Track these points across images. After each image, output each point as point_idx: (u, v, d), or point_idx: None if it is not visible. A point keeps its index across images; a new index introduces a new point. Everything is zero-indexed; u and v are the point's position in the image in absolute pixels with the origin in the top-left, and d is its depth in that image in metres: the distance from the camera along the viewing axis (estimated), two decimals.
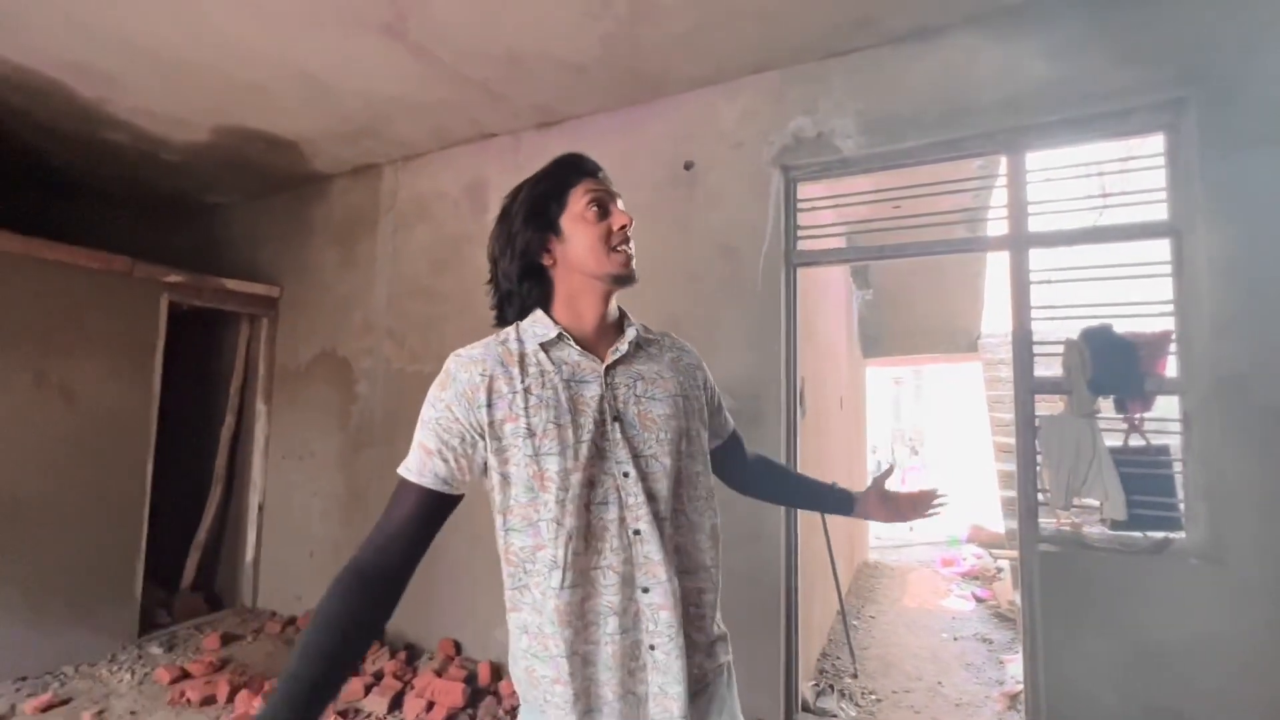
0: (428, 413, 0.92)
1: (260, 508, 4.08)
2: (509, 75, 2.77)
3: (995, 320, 5.59)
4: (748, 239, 2.70)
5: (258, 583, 4.03)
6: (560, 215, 0.98)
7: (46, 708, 2.70)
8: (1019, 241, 2.33)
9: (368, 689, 2.83)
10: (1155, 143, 2.24)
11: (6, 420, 2.95)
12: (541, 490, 0.87)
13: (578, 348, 0.95)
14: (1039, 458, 2.26)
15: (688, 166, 2.87)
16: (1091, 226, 2.28)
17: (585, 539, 0.88)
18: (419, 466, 0.90)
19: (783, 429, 2.60)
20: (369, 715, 2.67)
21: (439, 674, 2.92)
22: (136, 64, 2.73)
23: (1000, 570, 5.23)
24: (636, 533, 0.89)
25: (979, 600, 4.56)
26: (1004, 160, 2.39)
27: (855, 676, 3.16)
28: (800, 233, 2.73)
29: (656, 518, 0.90)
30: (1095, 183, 2.45)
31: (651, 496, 0.90)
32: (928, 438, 13.74)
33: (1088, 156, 2.40)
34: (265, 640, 3.51)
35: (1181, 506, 2.10)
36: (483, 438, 0.89)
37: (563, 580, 0.86)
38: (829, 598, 3.70)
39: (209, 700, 2.76)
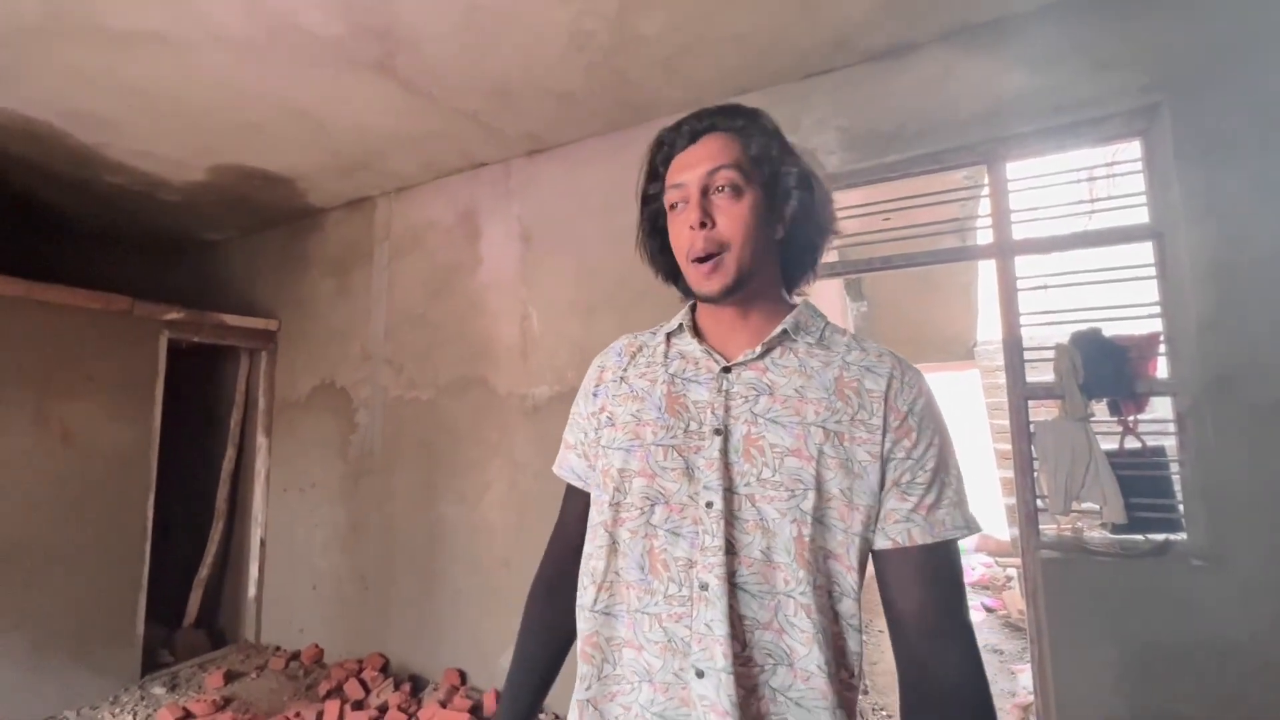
0: (573, 408, 0.92)
1: (262, 541, 4.07)
2: (498, 106, 2.83)
3: (990, 327, 5.62)
4: None
5: (261, 618, 4.00)
6: (666, 216, 0.82)
7: None
8: (1004, 249, 2.36)
9: (376, 719, 2.80)
10: (1134, 148, 2.28)
11: (6, 462, 2.96)
12: (603, 489, 0.76)
13: (700, 343, 0.80)
14: (1036, 463, 2.26)
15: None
16: (1075, 232, 2.30)
17: (636, 565, 0.70)
18: (560, 460, 0.91)
19: None
20: None
21: (444, 705, 2.89)
22: (134, 108, 2.79)
23: (1010, 579, 5.19)
24: (704, 587, 0.66)
25: (989, 610, 4.51)
26: (985, 171, 2.43)
27: (865, 693, 3.11)
28: None
29: (732, 579, 0.66)
30: (1077, 189, 2.49)
31: (732, 549, 0.67)
32: None
33: (1068, 164, 2.44)
34: (269, 676, 3.48)
35: (1181, 507, 2.09)
36: (591, 428, 0.84)
37: (595, 600, 0.72)
38: None
39: None
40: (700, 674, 0.65)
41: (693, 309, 0.87)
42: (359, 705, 2.99)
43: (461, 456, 3.26)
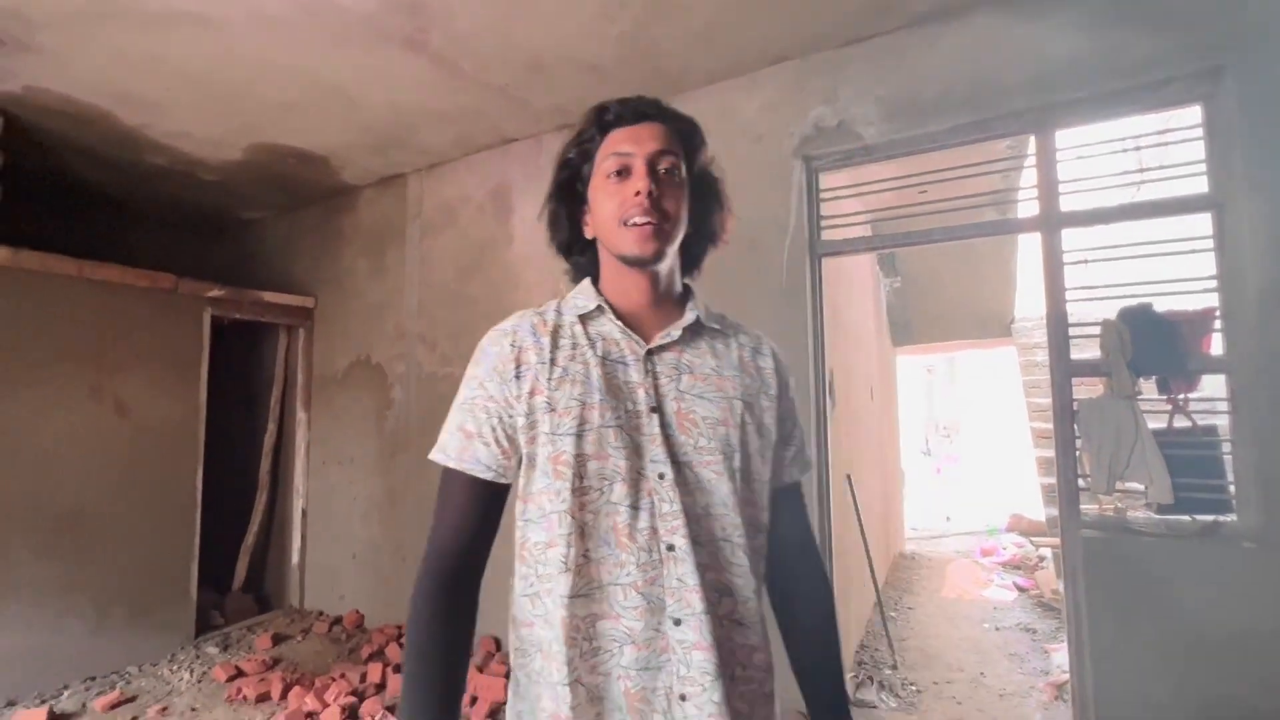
0: (463, 393, 0.84)
1: (304, 512, 4.22)
2: (529, 80, 2.81)
3: (1029, 303, 5.45)
4: (771, 232, 2.69)
5: (304, 584, 4.16)
6: (590, 181, 0.85)
7: (114, 705, 2.84)
8: (1051, 222, 2.28)
9: None
10: (1193, 114, 2.17)
11: (67, 434, 3.10)
12: (556, 476, 0.76)
13: (619, 324, 0.83)
14: (1078, 442, 2.21)
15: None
16: (1127, 203, 2.21)
17: (604, 542, 0.75)
18: (458, 452, 0.80)
19: (812, 422, 2.59)
20: None
21: (480, 670, 2.98)
22: (175, 89, 2.84)
23: (1043, 559, 5.12)
24: (670, 548, 0.74)
25: (1021, 590, 4.47)
26: (1033, 139, 2.34)
27: (895, 668, 3.13)
28: (824, 223, 2.72)
29: (695, 537, 0.75)
30: (1130, 158, 2.38)
31: (690, 513, 0.76)
32: (962, 427, 13.46)
33: (1121, 131, 2.33)
34: (314, 639, 3.63)
35: (1232, 489, 2.03)
36: (513, 411, 0.79)
37: (571, 587, 0.74)
38: (865, 590, 3.67)
39: (264, 697, 2.87)
40: (677, 622, 0.74)
41: (596, 289, 0.87)
42: (399, 668, 3.11)
43: None
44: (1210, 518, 2.02)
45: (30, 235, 3.12)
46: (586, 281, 0.89)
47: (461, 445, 0.81)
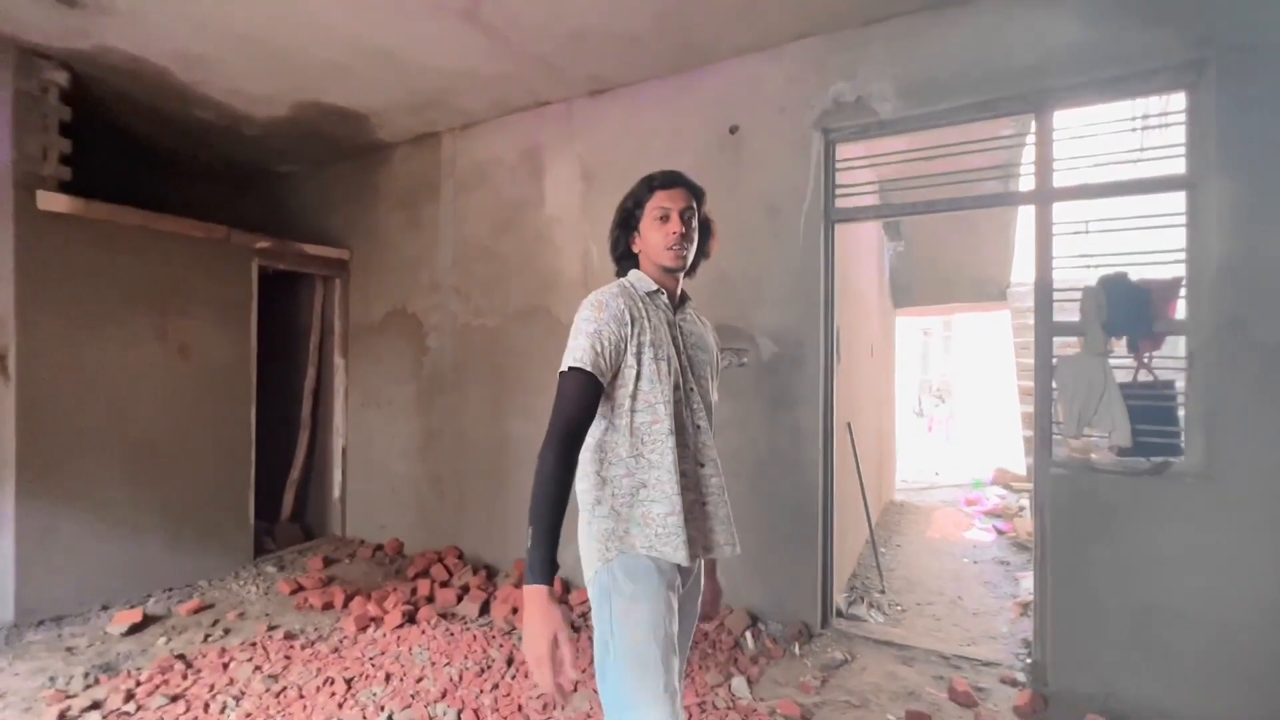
0: (589, 327, 1.27)
1: (344, 450, 4.56)
2: (568, 49, 3.00)
3: (1025, 270, 5.72)
4: (790, 199, 2.94)
5: (346, 515, 4.54)
6: (640, 220, 1.40)
7: (196, 610, 3.22)
8: (1044, 195, 2.54)
9: (459, 598, 3.30)
10: (1178, 100, 2.40)
11: (139, 373, 3.40)
12: (661, 382, 1.30)
13: (666, 301, 1.41)
14: (1055, 394, 2.53)
15: (733, 131, 3.09)
16: (1113, 181, 2.46)
17: (679, 423, 1.32)
18: (591, 360, 1.24)
19: (821, 373, 2.90)
20: (464, 618, 3.14)
21: (517, 586, 3.37)
22: (233, 49, 3.02)
23: (1023, 508, 5.54)
24: (698, 427, 1.37)
25: (1000, 533, 4.89)
26: (1033, 119, 2.57)
27: (883, 592, 3.54)
28: (838, 191, 2.96)
29: (709, 422, 1.40)
30: (1118, 139, 2.61)
31: (705, 407, 1.40)
32: (956, 388, 13.87)
33: (1113, 114, 2.56)
34: (360, 562, 4.03)
35: (1182, 434, 2.36)
36: (627, 344, 1.29)
37: (675, 442, 1.29)
38: (859, 528, 4.06)
39: (328, 605, 3.26)
40: (702, 464, 1.37)
41: (650, 279, 1.42)
42: (444, 584, 3.50)
43: (529, 379, 3.62)
44: (1162, 459, 2.36)
45: (94, 186, 3.32)
46: (641, 272, 1.43)
47: (594, 358, 1.25)
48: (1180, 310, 2.40)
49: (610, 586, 1.25)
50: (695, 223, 1.41)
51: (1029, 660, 2.60)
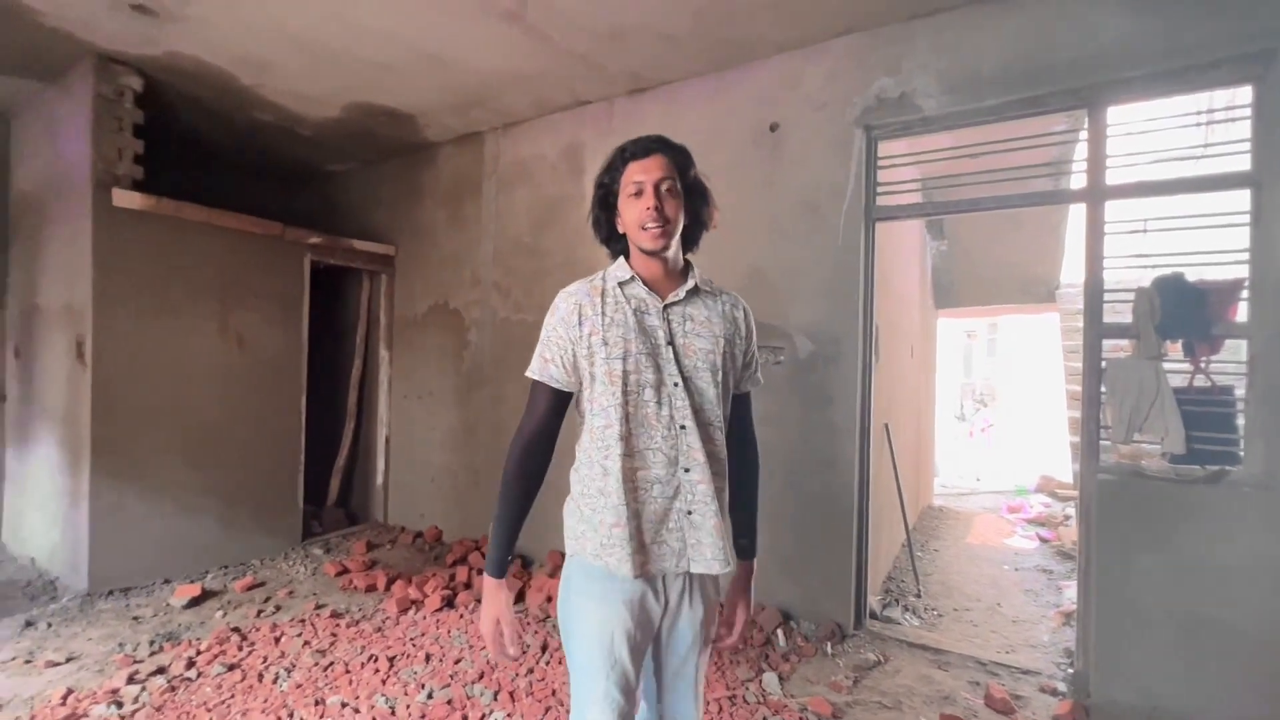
0: (544, 334, 1.27)
1: (387, 439, 4.72)
2: (609, 48, 3.04)
3: (1075, 270, 5.52)
4: (830, 196, 2.92)
5: (388, 502, 4.70)
6: (617, 197, 1.26)
7: (249, 587, 3.39)
8: (1096, 194, 2.46)
9: None
10: (1244, 94, 2.30)
11: (201, 361, 3.59)
12: (610, 384, 1.19)
13: (645, 288, 1.25)
14: (1104, 398, 2.46)
15: (773, 128, 3.08)
16: (1172, 178, 2.37)
17: (640, 424, 1.20)
18: (540, 369, 1.25)
19: (858, 372, 2.87)
20: None
21: (551, 576, 3.45)
22: (291, 53, 3.16)
23: (1068, 517, 5.36)
24: (683, 428, 1.22)
25: (1043, 541, 4.75)
26: (1086, 115, 2.50)
27: (919, 596, 3.49)
28: (880, 189, 2.93)
29: (698, 421, 1.22)
30: (1176, 135, 2.51)
31: (694, 406, 1.23)
32: (1000, 392, 13.45)
33: (1171, 109, 2.47)
34: (401, 548, 4.17)
35: (1241, 442, 2.27)
36: (576, 346, 1.22)
37: (623, 449, 1.19)
38: (895, 530, 4.01)
39: (371, 587, 3.40)
40: (687, 469, 1.22)
41: (628, 264, 1.28)
42: (482, 572, 3.60)
43: None
44: (1218, 467, 2.27)
45: (162, 184, 3.52)
46: (621, 259, 1.30)
47: (542, 366, 1.25)
48: (1241, 313, 2.30)
49: (567, 581, 1.27)
50: (678, 193, 1.23)
51: (1071, 670, 2.54)
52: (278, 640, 2.76)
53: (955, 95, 2.65)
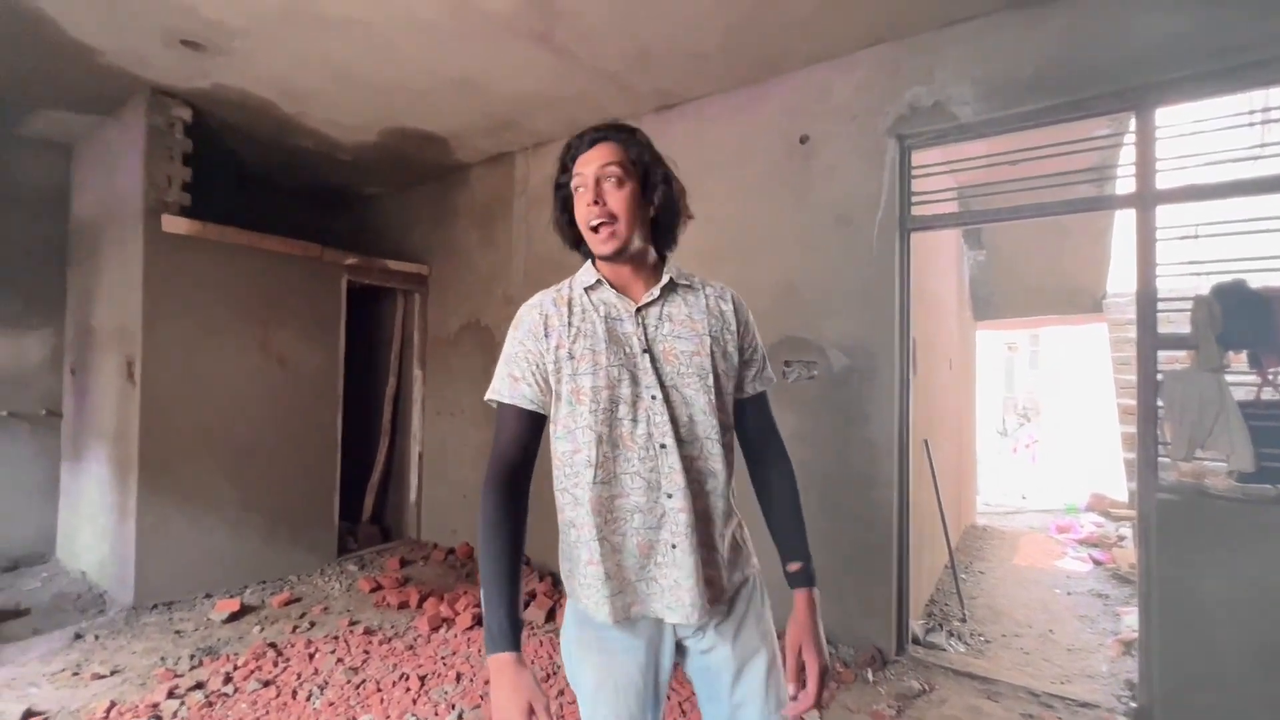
0: (507, 350, 1.11)
1: (420, 456, 4.77)
2: (637, 67, 3.06)
3: (1123, 279, 5.31)
4: (863, 208, 2.86)
5: (421, 518, 4.74)
6: (572, 197, 1.11)
7: (286, 603, 3.44)
8: (1146, 198, 2.36)
9: (525, 604, 3.37)
10: None
11: (245, 381, 3.70)
12: (578, 403, 1.05)
13: (614, 291, 1.10)
14: (1160, 412, 2.32)
15: (803, 141, 3.05)
16: (1227, 181, 2.25)
17: (615, 446, 1.04)
18: (509, 390, 1.07)
19: (895, 386, 2.79)
20: (531, 624, 3.20)
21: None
22: (332, 83, 3.27)
23: (1123, 538, 5.09)
24: (662, 446, 1.04)
25: (1097, 563, 4.51)
26: (1133, 117, 2.40)
27: (964, 620, 3.33)
28: (914, 199, 2.86)
29: (679, 437, 1.04)
30: (1229, 136, 2.39)
31: (675, 419, 1.05)
32: (1044, 406, 12.96)
33: (1223, 109, 2.35)
34: (434, 565, 4.18)
35: None
36: (545, 359, 1.07)
37: (594, 476, 1.03)
38: (937, 551, 3.85)
39: (404, 604, 3.41)
40: (670, 495, 1.04)
41: (595, 268, 1.13)
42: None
43: None
44: None
45: (207, 210, 3.67)
46: (588, 263, 1.16)
47: (511, 386, 1.08)
48: None
49: (565, 627, 1.15)
50: (623, 178, 1.06)
51: (1133, 704, 2.37)
52: (312, 657, 2.78)
53: (992, 101, 2.58)
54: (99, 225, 3.79)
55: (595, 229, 1.06)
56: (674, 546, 1.03)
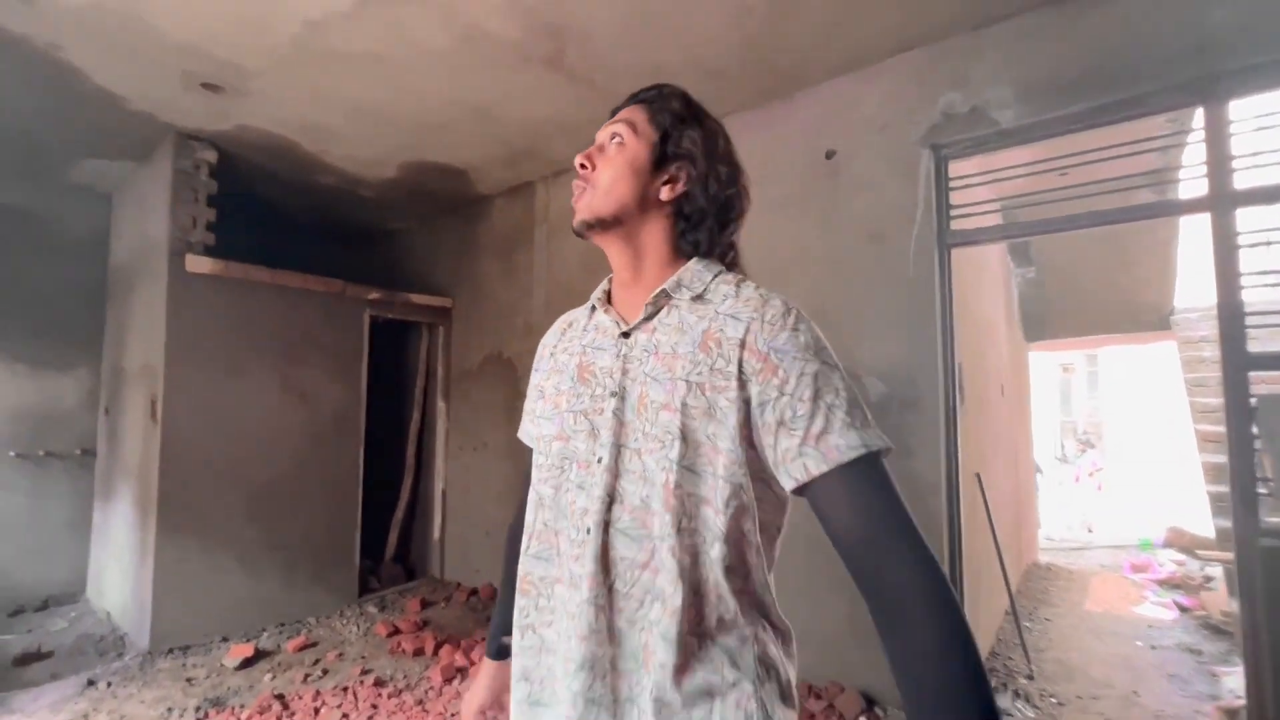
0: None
1: (443, 493, 4.67)
2: None
3: (1193, 292, 4.88)
4: (896, 223, 2.66)
5: (444, 557, 4.61)
6: None
7: (301, 648, 3.33)
8: (1222, 201, 2.09)
9: None
10: None
11: (265, 418, 3.67)
12: (538, 454, 0.84)
13: (612, 310, 0.84)
14: (1257, 443, 2.01)
15: (829, 156, 2.88)
16: None
17: (557, 514, 0.77)
18: (522, 428, 0.98)
19: (941, 416, 2.53)
20: None
21: None
22: (350, 119, 3.28)
23: (1210, 579, 4.57)
24: (588, 531, 0.72)
25: (1183, 609, 4.03)
26: (1200, 112, 2.15)
27: (1031, 678, 2.97)
28: (953, 212, 2.64)
29: (608, 525, 0.72)
30: None
31: (620, 498, 0.72)
32: (1105, 431, 12.15)
33: None
34: (455, 606, 4.03)
35: None
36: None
37: (528, 546, 0.80)
38: (996, 595, 3.49)
39: (419, 652, 3.25)
40: (571, 611, 0.73)
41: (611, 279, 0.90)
42: None
43: None
44: None
45: (232, 248, 3.70)
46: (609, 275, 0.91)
47: (524, 422, 0.97)
48: None
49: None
50: (626, 141, 0.81)
51: None
52: (317, 711, 2.63)
53: (1034, 104, 2.36)
54: (132, 268, 3.88)
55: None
56: (550, 625, 0.75)
